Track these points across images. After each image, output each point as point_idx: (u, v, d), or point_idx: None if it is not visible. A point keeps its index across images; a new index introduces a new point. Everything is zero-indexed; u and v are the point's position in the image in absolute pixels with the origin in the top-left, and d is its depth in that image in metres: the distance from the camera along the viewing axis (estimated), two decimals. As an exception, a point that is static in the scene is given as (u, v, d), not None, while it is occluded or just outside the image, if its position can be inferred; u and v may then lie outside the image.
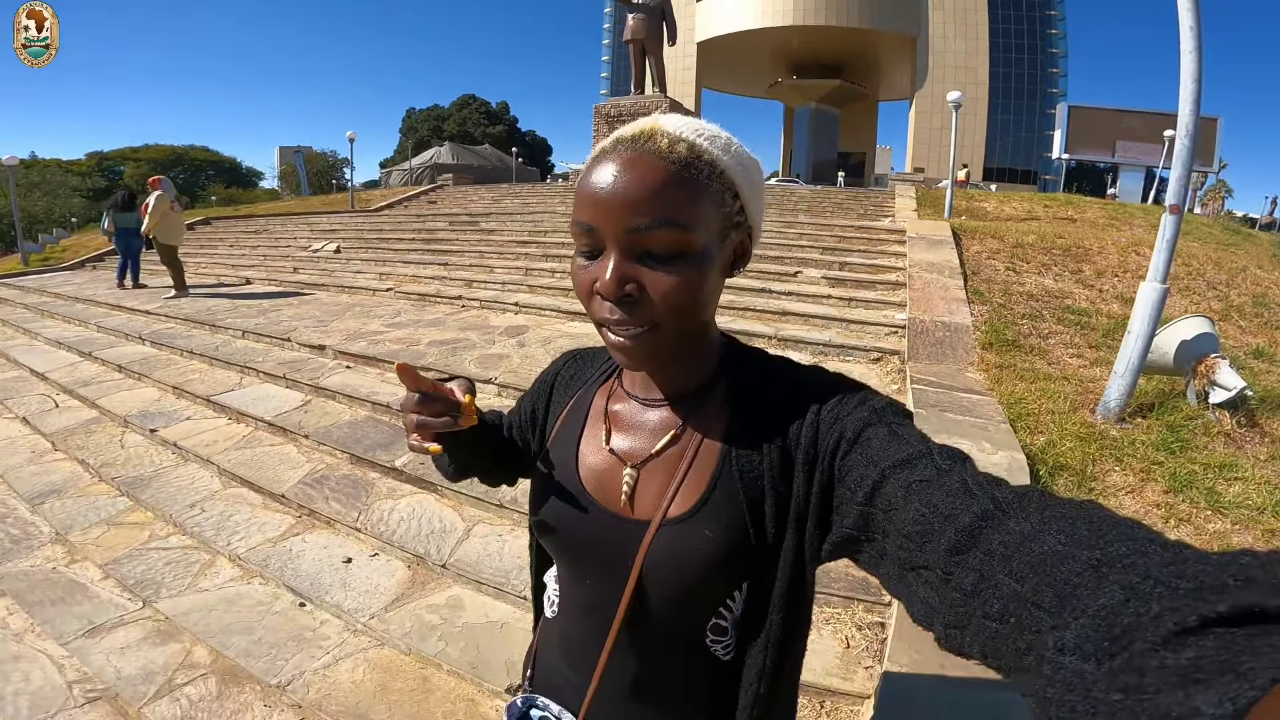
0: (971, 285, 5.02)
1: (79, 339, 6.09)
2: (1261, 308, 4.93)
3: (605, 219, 0.51)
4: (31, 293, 9.21)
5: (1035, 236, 6.59)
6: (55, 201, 33.98)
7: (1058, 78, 42.46)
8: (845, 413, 0.54)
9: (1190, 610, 0.25)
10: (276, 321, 5.28)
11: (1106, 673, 0.26)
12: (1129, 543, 0.32)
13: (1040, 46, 42.09)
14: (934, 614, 0.40)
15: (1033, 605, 0.33)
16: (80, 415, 4.41)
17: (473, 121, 55.33)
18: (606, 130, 15.19)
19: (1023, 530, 0.37)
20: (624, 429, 0.64)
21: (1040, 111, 40.88)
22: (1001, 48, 40.95)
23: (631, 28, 15.69)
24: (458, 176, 20.99)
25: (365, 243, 8.73)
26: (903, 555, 0.43)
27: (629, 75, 16.93)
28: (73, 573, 2.84)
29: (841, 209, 10.94)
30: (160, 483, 3.34)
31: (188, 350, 4.94)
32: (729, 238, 0.55)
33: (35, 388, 5.14)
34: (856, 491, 0.49)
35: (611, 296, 0.51)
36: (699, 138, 0.52)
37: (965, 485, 0.42)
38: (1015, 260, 5.83)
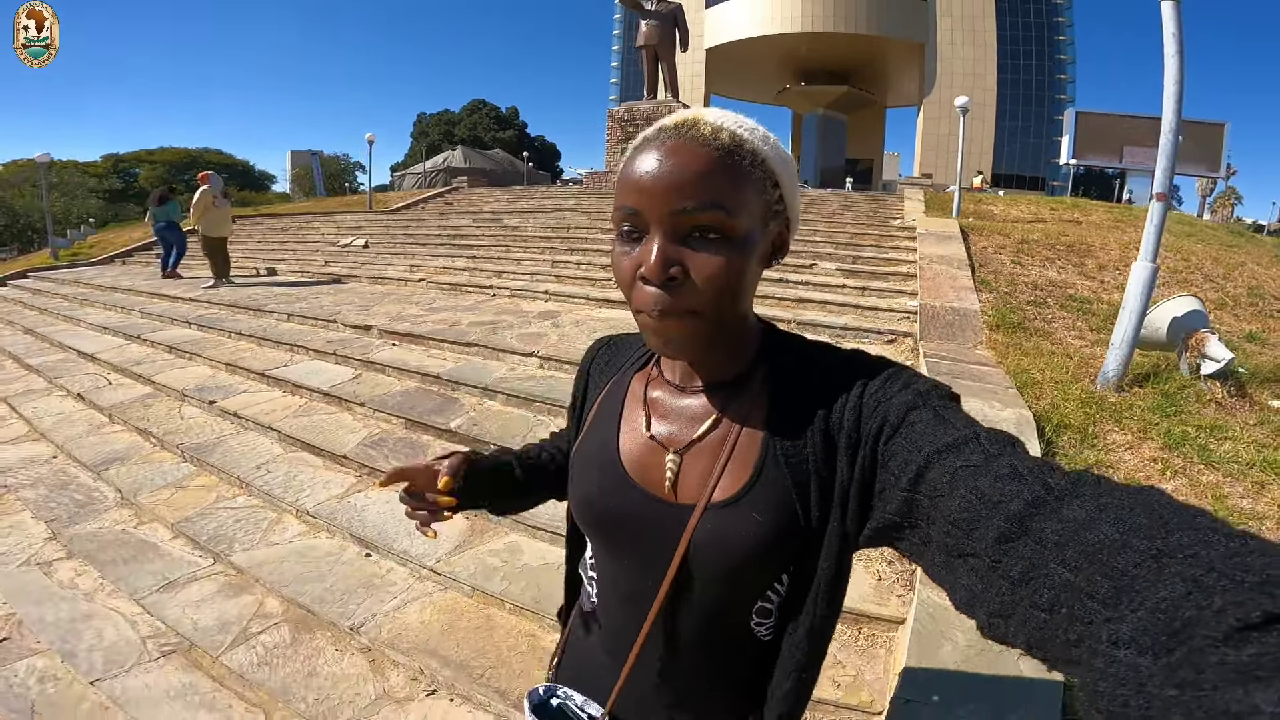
0: (979, 276, 5.27)
1: (123, 324, 6.42)
2: (1256, 298, 5.16)
3: (650, 202, 0.51)
4: (67, 284, 9.58)
5: (1040, 234, 6.84)
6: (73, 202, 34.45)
7: (1066, 84, 42.57)
8: (888, 395, 0.53)
9: (1254, 605, 0.24)
10: (319, 306, 5.59)
11: (1163, 668, 0.25)
12: (1191, 532, 0.31)
13: (1048, 53, 42.22)
14: (977, 602, 0.40)
15: (1086, 596, 0.32)
16: (135, 391, 4.70)
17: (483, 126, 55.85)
18: (620, 134, 15.57)
19: (1077, 518, 0.36)
20: (664, 416, 0.64)
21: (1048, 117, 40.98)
22: (1009, 54, 41.10)
23: (645, 34, 16.03)
24: (472, 179, 21.35)
25: (392, 238, 9.06)
26: (949, 542, 0.43)
27: (638, 81, 17.27)
28: (142, 533, 3.07)
29: (852, 210, 11.20)
30: (223, 449, 3.60)
31: (235, 332, 5.24)
32: (769, 227, 0.56)
33: (84, 368, 5.44)
34: (900, 477, 0.48)
35: (656, 279, 0.51)
36: (739, 128, 0.53)
37: (1015, 471, 0.42)
38: (1021, 255, 6.08)
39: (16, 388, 5.28)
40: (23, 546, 3.05)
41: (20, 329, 7.44)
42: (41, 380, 5.35)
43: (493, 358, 3.96)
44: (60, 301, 8.58)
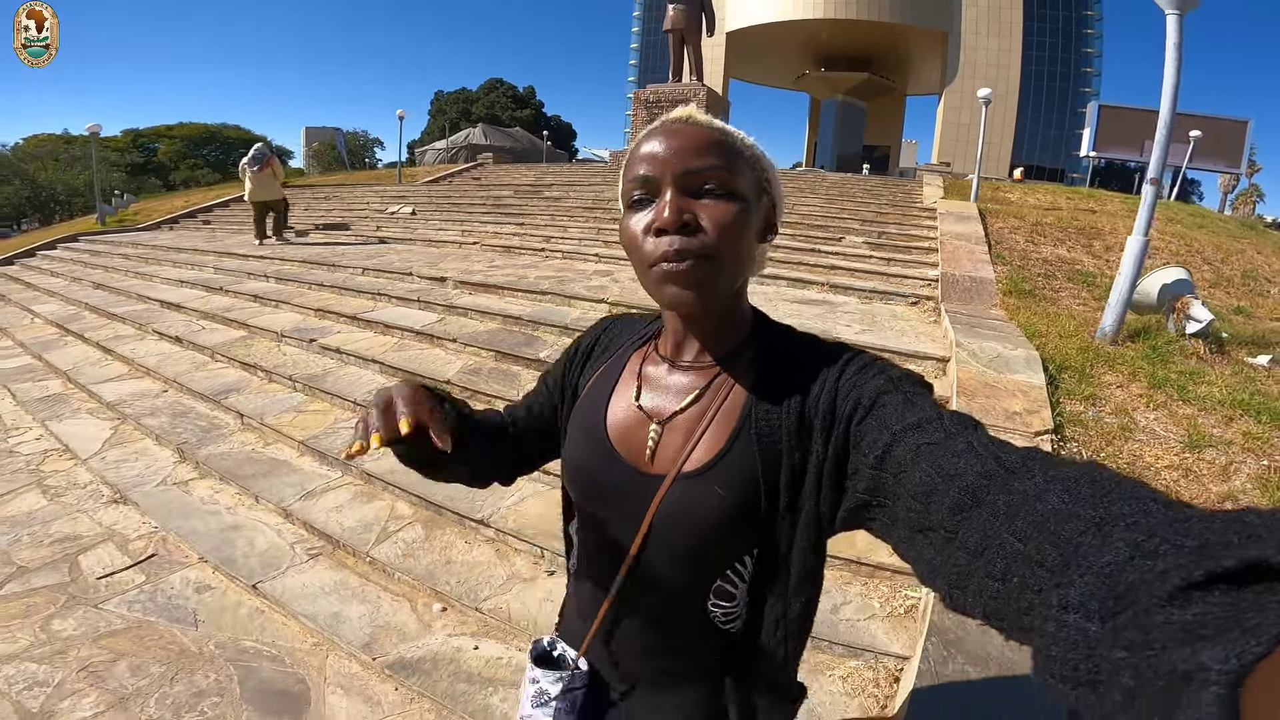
0: (995, 251, 5.75)
1: (200, 279, 6.97)
2: (1250, 279, 5.63)
3: (662, 166, 0.57)
4: (125, 245, 10.12)
5: (1054, 219, 7.28)
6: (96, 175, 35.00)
7: (1091, 77, 42.27)
8: (863, 381, 0.56)
9: (1196, 566, 0.24)
10: (389, 263, 6.12)
11: (1110, 630, 0.26)
12: (1132, 501, 0.32)
13: (1074, 45, 41.89)
14: (937, 573, 0.42)
15: (1036, 564, 0.33)
16: (230, 334, 5.23)
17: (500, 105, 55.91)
18: (645, 115, 15.95)
19: (1025, 490, 0.38)
20: (653, 388, 0.68)
21: (1071, 110, 40.79)
22: (1035, 45, 40.78)
23: (672, 18, 16.30)
24: (496, 156, 21.77)
25: (437, 207, 9.60)
26: (912, 517, 0.45)
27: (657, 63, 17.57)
28: (271, 452, 3.52)
29: (873, 193, 11.59)
30: (331, 379, 4.09)
31: (315, 284, 5.78)
32: (761, 200, 0.61)
33: (172, 316, 5.97)
34: (868, 455, 0.51)
35: (671, 226, 0.56)
36: (726, 125, 0.61)
37: (971, 447, 0.44)
38: (1034, 235, 6.53)
39: (105, 334, 5.82)
40: (155, 469, 3.50)
41: (89, 284, 8.02)
42: (130, 327, 5.89)
43: (564, 304, 4.50)
44: (122, 260, 9.12)
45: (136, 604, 2.46)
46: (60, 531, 2.99)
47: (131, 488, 3.29)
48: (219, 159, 51.58)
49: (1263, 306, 4.99)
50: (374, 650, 2.14)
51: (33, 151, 37.98)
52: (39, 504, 3.25)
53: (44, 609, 2.44)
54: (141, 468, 3.52)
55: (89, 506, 3.22)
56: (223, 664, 2.17)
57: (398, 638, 2.20)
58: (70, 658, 2.20)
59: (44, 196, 32.60)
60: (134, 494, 3.22)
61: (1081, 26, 42.02)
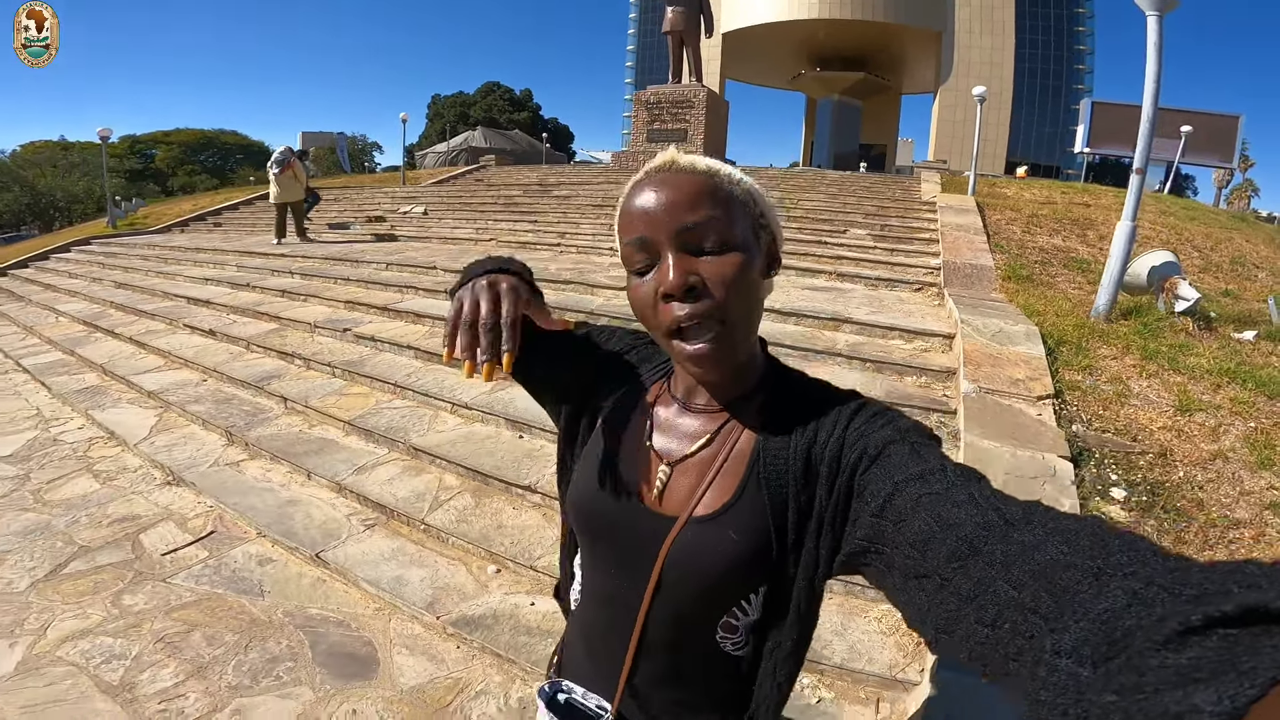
0: (993, 241, 5.99)
1: (224, 276, 7.17)
2: (1238, 265, 5.88)
3: (656, 227, 0.56)
4: (140, 247, 10.30)
5: (1049, 212, 7.53)
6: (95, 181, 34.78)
7: (1083, 74, 42.61)
8: (871, 430, 0.57)
9: (1194, 610, 0.24)
10: (411, 258, 6.35)
11: (1102, 674, 0.26)
12: (1131, 552, 0.32)
13: (1066, 43, 42.25)
14: (926, 618, 0.42)
15: (1029, 611, 0.33)
16: (263, 326, 5.42)
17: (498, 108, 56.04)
18: (646, 116, 16.16)
19: (1024, 540, 0.38)
20: (664, 429, 0.68)
21: (1065, 107, 41.12)
22: (1027, 44, 41.10)
23: (671, 20, 16.51)
24: (498, 158, 22.00)
25: (449, 207, 9.82)
26: (908, 565, 0.45)
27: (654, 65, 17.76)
28: (317, 433, 3.69)
29: (873, 190, 11.85)
30: (369, 365, 4.27)
31: (341, 278, 5.99)
32: (760, 237, 0.61)
33: (201, 311, 6.14)
34: (870, 504, 0.52)
35: (677, 290, 0.55)
36: (710, 162, 0.60)
37: (972, 498, 0.44)
38: (1030, 226, 6.78)
39: (136, 329, 6.00)
40: (205, 452, 3.67)
41: (111, 284, 8.20)
42: (160, 323, 6.08)
43: (588, 292, 4.72)
44: (141, 261, 9.30)
45: (203, 578, 2.59)
46: (117, 513, 3.13)
47: (184, 469, 3.46)
48: (216, 165, 51.53)
49: (1250, 290, 5.24)
50: (436, 610, 2.27)
51: (31, 158, 37.94)
52: (92, 487, 3.41)
53: (112, 585, 2.55)
54: (192, 451, 3.70)
55: (142, 489, 3.38)
56: (292, 631, 2.29)
57: (458, 598, 2.35)
58: (145, 630, 2.29)
59: (43, 203, 32.48)
60: (187, 475, 3.39)
61: (1073, 24, 42.39)
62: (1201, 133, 18.09)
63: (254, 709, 1.94)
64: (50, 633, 2.28)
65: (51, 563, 2.70)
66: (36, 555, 2.76)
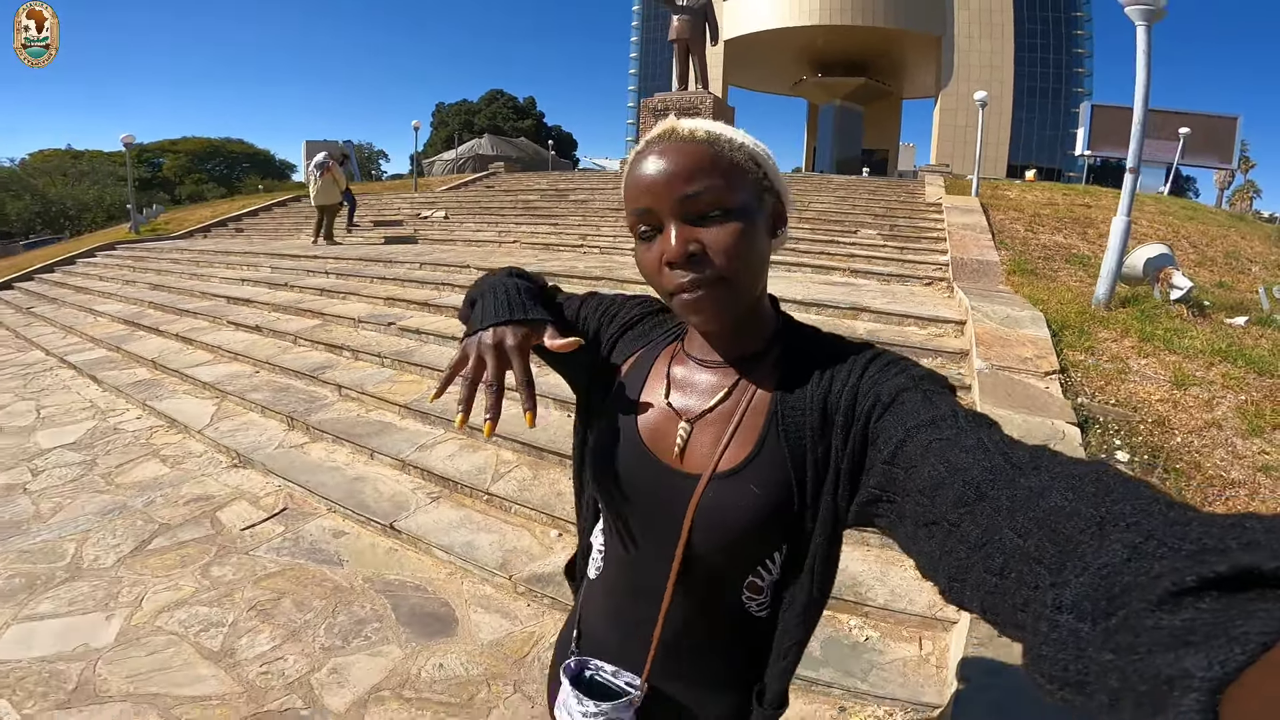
0: (998, 239, 6.28)
1: (260, 277, 7.45)
2: (1231, 259, 6.17)
3: (659, 197, 0.58)
4: (170, 251, 10.51)
5: (1051, 212, 7.81)
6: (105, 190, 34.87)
7: (1083, 77, 42.97)
8: (885, 379, 0.58)
9: (1189, 570, 0.24)
10: (442, 259, 6.64)
11: (1102, 632, 0.26)
12: (1134, 501, 0.32)
13: (1065, 47, 42.62)
14: (938, 566, 0.43)
15: (1034, 560, 0.34)
16: (306, 322, 5.67)
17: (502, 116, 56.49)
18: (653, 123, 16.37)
19: (1030, 486, 0.38)
20: (682, 387, 0.69)
21: (1065, 110, 41.43)
22: (1027, 47, 41.46)
23: (676, 28, 16.82)
24: (506, 165, 22.36)
25: (468, 212, 10.14)
26: (918, 512, 0.46)
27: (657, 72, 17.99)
28: (374, 416, 3.92)
29: (878, 193, 12.15)
30: (417, 355, 4.50)
31: (376, 277, 6.27)
32: (764, 199, 0.61)
33: (243, 309, 6.41)
34: (883, 450, 0.52)
35: (679, 259, 0.57)
36: (711, 126, 0.60)
37: (981, 443, 0.45)
38: (1033, 225, 7.06)
39: (180, 327, 6.28)
40: (268, 436, 3.90)
41: (145, 285, 8.49)
42: (203, 320, 6.38)
43: (618, 288, 4.97)
44: (171, 264, 9.57)
45: (284, 550, 2.76)
46: (191, 493, 3.33)
47: (251, 452, 3.68)
48: (223, 173, 51.98)
49: (1243, 282, 5.53)
50: (508, 570, 2.44)
51: (41, 166, 38.18)
52: (161, 471, 3.64)
53: (198, 559, 2.71)
54: (255, 435, 3.94)
55: (211, 471, 3.61)
56: (374, 595, 2.46)
57: (525, 559, 2.53)
58: (237, 599, 2.43)
59: (54, 211, 32.70)
60: (255, 457, 3.62)
61: (1071, 28, 42.76)
62: (1200, 134, 18.38)
63: (349, 667, 2.10)
64: (145, 604, 2.43)
65: (135, 540, 2.87)
66: (119, 533, 2.94)
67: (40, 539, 2.91)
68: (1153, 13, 3.98)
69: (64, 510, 3.17)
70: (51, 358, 6.29)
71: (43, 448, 4.05)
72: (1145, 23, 4.01)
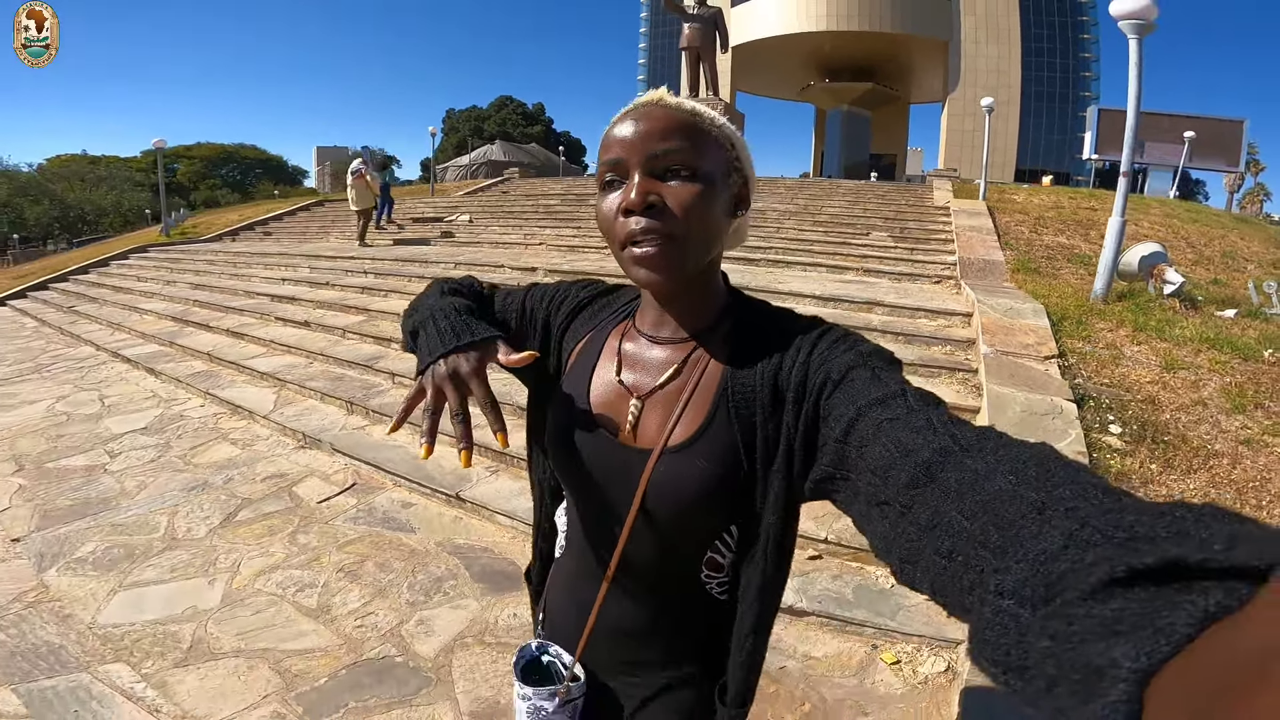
0: (1003, 240, 6.60)
1: (300, 277, 7.82)
2: (1228, 258, 6.48)
3: (629, 150, 0.60)
4: (203, 254, 10.91)
5: (1055, 214, 8.13)
6: (123, 195, 35.23)
7: (1090, 81, 43.15)
8: (834, 356, 0.59)
9: (1119, 561, 0.25)
10: (475, 259, 7.03)
11: (1040, 618, 0.27)
12: (1073, 486, 0.33)
13: (1072, 51, 42.82)
14: (891, 547, 0.43)
15: (979, 544, 0.34)
16: (352, 318, 6.00)
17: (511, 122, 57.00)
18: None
19: (976, 468, 0.39)
20: (633, 364, 0.70)
21: (1072, 114, 41.62)
22: (1033, 52, 41.66)
23: (687, 36, 17.17)
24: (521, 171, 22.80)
25: (492, 215, 10.54)
26: (871, 491, 0.46)
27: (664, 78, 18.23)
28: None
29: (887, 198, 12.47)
30: None
31: (413, 276, 6.65)
32: (730, 178, 0.64)
33: (287, 306, 6.77)
34: (834, 429, 0.53)
35: (638, 207, 0.58)
36: (698, 105, 0.63)
37: (930, 423, 0.46)
38: (1037, 227, 7.39)
39: (230, 323, 6.62)
40: (330, 420, 4.20)
41: (186, 285, 8.86)
42: (251, 317, 6.72)
43: (647, 284, 5.34)
44: (208, 265, 9.96)
45: (360, 519, 3.02)
46: (265, 471, 3.60)
47: (316, 434, 3.98)
48: (237, 179, 52.64)
49: (1238, 279, 5.83)
50: None
51: (59, 171, 38.64)
52: (233, 452, 3.93)
53: (284, 528, 2.94)
54: (318, 419, 4.25)
55: (280, 452, 3.91)
56: (447, 557, 2.70)
57: None
58: (325, 563, 2.65)
59: (72, 216, 33.14)
60: (322, 438, 3.91)
61: (1078, 32, 42.95)
62: (1206, 138, 18.60)
63: (435, 618, 2.34)
64: (243, 569, 2.64)
65: (222, 513, 3.12)
66: (205, 507, 3.18)
67: (131, 514, 3.14)
68: (1144, 26, 4.31)
69: (149, 488, 3.43)
70: (103, 352, 6.64)
71: (115, 433, 4.35)
72: (1137, 36, 4.35)
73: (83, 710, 1.91)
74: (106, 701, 1.94)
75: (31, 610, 2.39)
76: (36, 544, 2.88)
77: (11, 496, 3.36)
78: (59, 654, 2.15)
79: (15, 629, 2.27)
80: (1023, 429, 2.85)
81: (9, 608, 2.40)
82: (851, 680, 2.02)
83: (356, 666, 2.09)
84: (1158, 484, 2.69)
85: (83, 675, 2.05)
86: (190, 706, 1.93)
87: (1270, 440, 2.99)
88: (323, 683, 2.02)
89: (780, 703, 1.92)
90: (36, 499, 3.32)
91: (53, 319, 8.58)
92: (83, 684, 2.02)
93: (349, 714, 1.90)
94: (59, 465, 3.79)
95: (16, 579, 2.61)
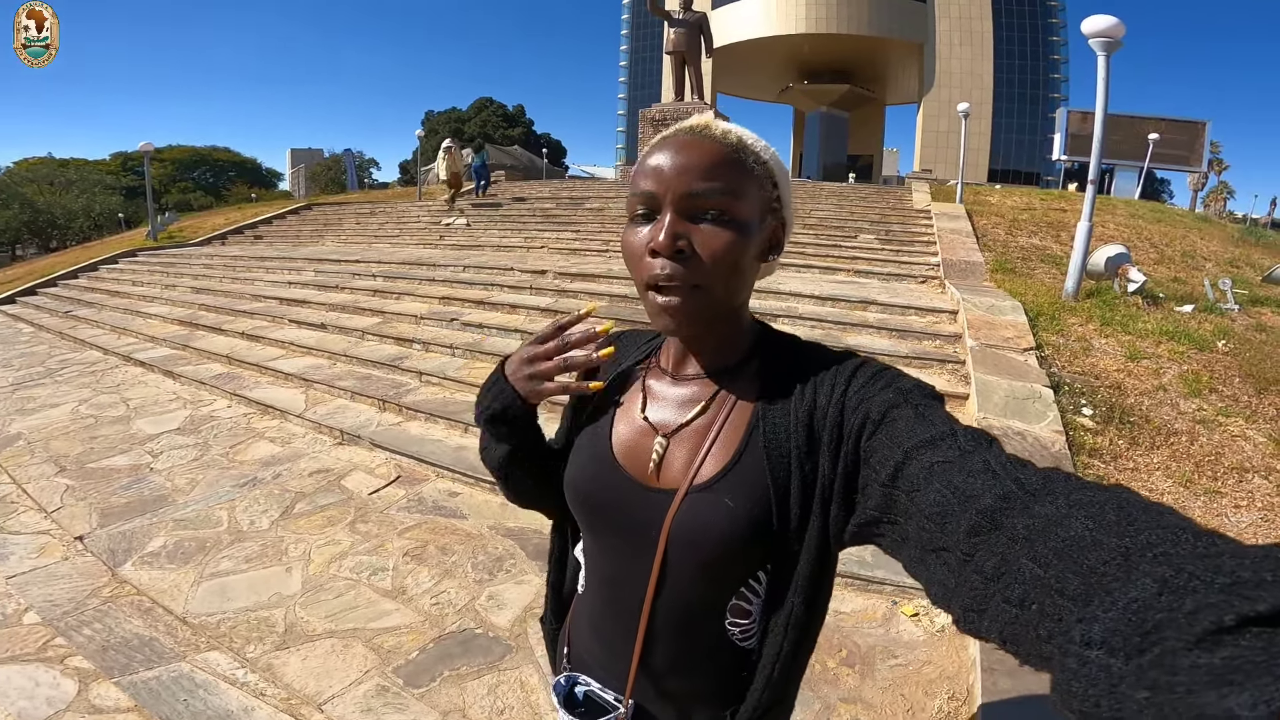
0: (982, 242, 7.05)
1: (306, 280, 7.89)
2: (1188, 258, 7.00)
3: (665, 186, 0.57)
4: (197, 257, 10.84)
5: (1028, 216, 8.62)
6: (94, 199, 33.98)
7: (1060, 83, 44.34)
8: (872, 394, 0.56)
9: (1228, 608, 0.24)
10: (483, 263, 7.23)
11: (1135, 669, 0.26)
12: (1160, 530, 0.31)
13: (1043, 53, 43.96)
14: (952, 596, 0.41)
15: (1056, 592, 0.33)
16: (368, 320, 6.15)
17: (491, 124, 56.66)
18: (652, 133, 17.15)
19: (1048, 514, 0.37)
20: (658, 401, 0.68)
21: (1043, 115, 42.68)
22: (1005, 54, 42.71)
23: (673, 40, 17.49)
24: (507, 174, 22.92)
25: (489, 219, 10.75)
26: (924, 537, 0.45)
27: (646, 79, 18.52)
28: (460, 398, 4.33)
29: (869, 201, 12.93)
30: (487, 344, 5.03)
31: (424, 279, 6.85)
32: (766, 221, 0.61)
33: (299, 309, 6.87)
34: (880, 472, 0.51)
35: (666, 251, 0.56)
36: (745, 134, 0.60)
37: (988, 465, 0.43)
38: (1012, 229, 7.87)
39: (243, 326, 6.71)
40: (365, 418, 4.33)
41: (186, 289, 8.85)
42: (264, 320, 6.83)
43: (655, 286, 5.65)
44: (204, 269, 9.93)
45: (413, 508, 3.13)
46: (310, 467, 3.67)
47: (354, 431, 4.11)
48: (210, 182, 51.59)
49: (1196, 277, 6.33)
50: None
51: (27, 174, 37.38)
52: (274, 450, 3.98)
53: (342, 518, 3.02)
54: (352, 417, 4.38)
55: (320, 449, 4.01)
56: (501, 538, 2.85)
57: None
58: (390, 549, 2.76)
59: (42, 220, 32.07)
60: (361, 434, 4.04)
61: (1047, 34, 44.14)
62: (1169, 139, 19.45)
63: (502, 593, 2.49)
64: (315, 557, 2.73)
65: (280, 506, 3.21)
66: (262, 501, 3.26)
67: (190, 509, 3.22)
68: (1112, 44, 4.74)
69: (200, 485, 3.51)
70: (112, 356, 6.67)
71: (149, 433, 4.43)
72: (1105, 53, 4.77)
73: (191, 699, 1.96)
74: (211, 688, 2.01)
75: (111, 605, 2.46)
76: (103, 541, 2.95)
77: (62, 496, 3.44)
78: (151, 645, 2.22)
79: (100, 624, 2.34)
80: (1008, 412, 3.23)
81: (86, 603, 2.46)
82: (879, 630, 2.29)
83: (442, 639, 2.24)
84: (1125, 459, 3.08)
85: (181, 665, 2.11)
86: (300, 686, 2.03)
87: (1223, 420, 3.41)
88: (415, 656, 2.17)
89: (820, 650, 2.15)
90: (89, 498, 3.40)
91: (50, 324, 8.55)
92: (184, 673, 2.07)
93: (445, 682, 2.05)
94: (101, 465, 3.89)
95: (89, 575, 2.67)
